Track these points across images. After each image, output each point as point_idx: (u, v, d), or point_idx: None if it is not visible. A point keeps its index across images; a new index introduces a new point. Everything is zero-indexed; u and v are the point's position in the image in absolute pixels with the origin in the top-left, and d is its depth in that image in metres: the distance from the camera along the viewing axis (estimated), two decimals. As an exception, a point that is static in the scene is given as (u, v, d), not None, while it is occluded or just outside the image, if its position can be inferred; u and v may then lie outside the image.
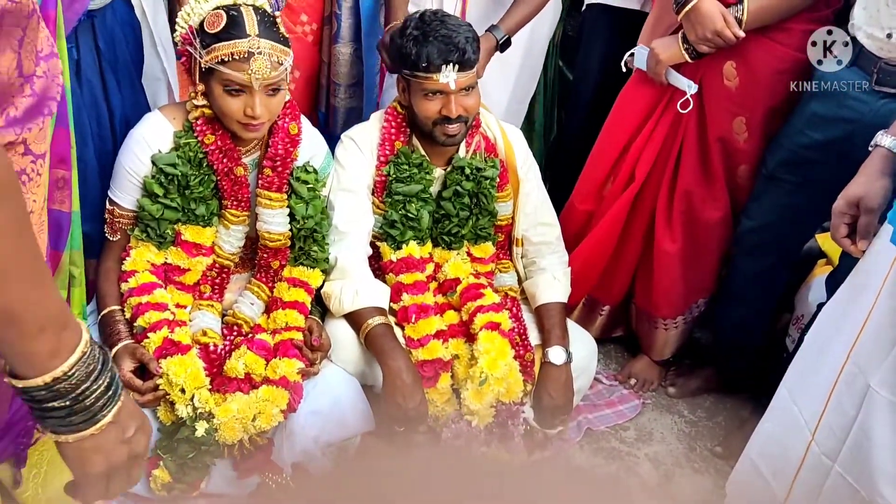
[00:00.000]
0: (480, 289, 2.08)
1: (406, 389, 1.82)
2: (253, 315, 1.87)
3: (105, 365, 0.75)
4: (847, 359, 1.52)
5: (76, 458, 0.76)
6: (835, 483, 1.52)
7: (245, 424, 1.65)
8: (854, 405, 1.48)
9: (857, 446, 1.48)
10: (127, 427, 0.78)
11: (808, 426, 1.60)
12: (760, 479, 1.73)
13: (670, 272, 2.22)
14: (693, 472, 2.07)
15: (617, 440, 2.16)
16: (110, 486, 0.79)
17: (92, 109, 1.82)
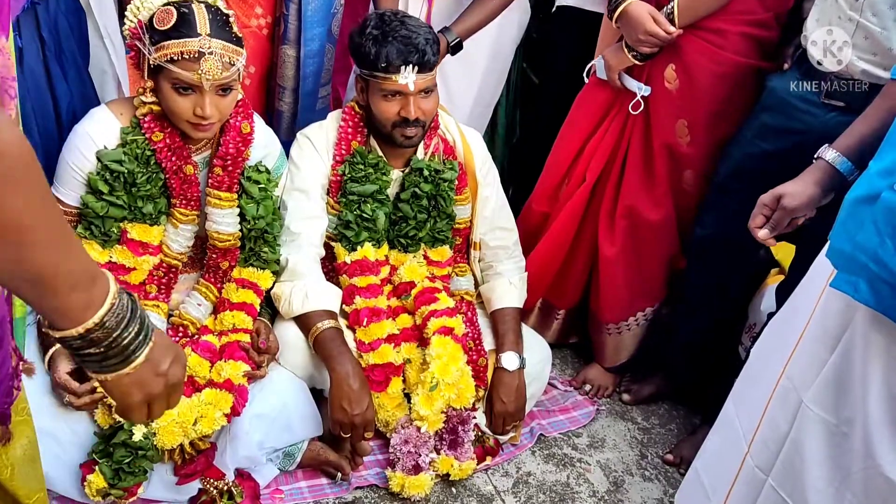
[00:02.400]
0: (435, 293, 2.06)
1: (353, 395, 1.80)
2: (200, 316, 1.84)
3: (134, 312, 0.80)
4: (782, 373, 1.53)
5: (116, 392, 0.82)
6: (768, 497, 1.53)
7: (186, 429, 1.62)
8: (787, 420, 1.49)
9: (790, 461, 1.49)
10: (161, 361, 0.84)
11: (745, 438, 1.61)
12: (702, 491, 1.73)
13: (612, 276, 2.23)
14: (643, 480, 2.07)
15: (569, 447, 2.15)
16: (153, 410, 0.86)
17: (36, 100, 1.77)
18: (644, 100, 2.06)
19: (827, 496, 1.43)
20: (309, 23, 2.14)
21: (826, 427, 1.42)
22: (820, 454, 1.42)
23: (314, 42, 2.19)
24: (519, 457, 2.08)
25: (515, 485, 2.00)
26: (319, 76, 2.27)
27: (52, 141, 1.79)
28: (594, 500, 1.99)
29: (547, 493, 1.98)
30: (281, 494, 1.81)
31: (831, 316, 1.42)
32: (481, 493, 1.95)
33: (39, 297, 0.73)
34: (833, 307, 1.42)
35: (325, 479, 1.88)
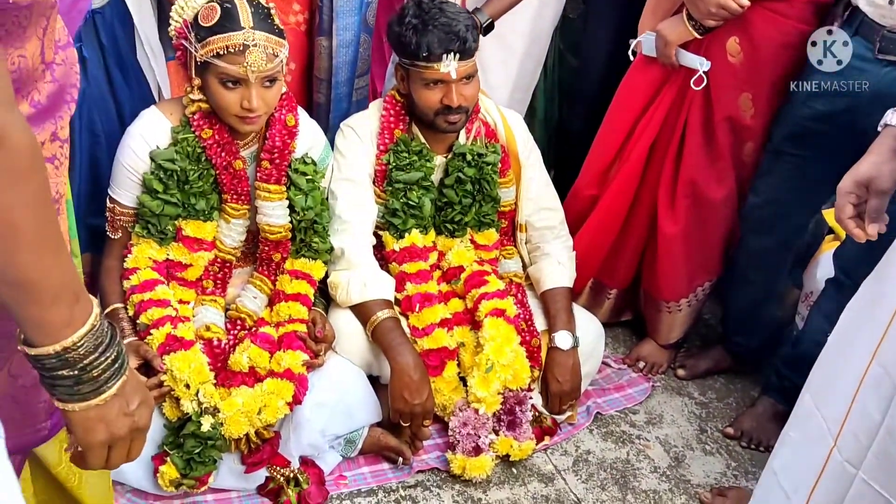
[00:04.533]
0: (484, 276, 2.07)
1: (413, 386, 1.82)
2: (256, 309, 1.87)
3: (113, 339, 0.79)
4: (872, 360, 1.45)
5: (80, 426, 0.79)
6: (859, 491, 1.45)
7: (251, 418, 1.65)
8: (880, 409, 1.41)
9: (884, 452, 1.41)
10: (131, 400, 0.81)
11: (830, 433, 1.52)
12: (780, 493, 1.67)
13: (673, 255, 2.20)
14: (704, 454, 2.05)
15: (627, 424, 2.14)
16: (112, 455, 0.83)
17: (101, 107, 1.82)
18: (704, 74, 1.99)
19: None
20: (341, 12, 2.14)
21: None
22: None
23: (347, 31, 2.19)
24: (577, 435, 2.08)
25: (575, 463, 1.99)
26: (354, 66, 2.27)
27: (117, 145, 1.83)
28: (656, 475, 1.98)
29: (608, 471, 1.98)
30: (345, 480, 1.83)
31: None
32: (542, 473, 1.95)
33: (20, 304, 0.71)
34: None
35: (387, 465, 1.90)
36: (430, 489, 1.86)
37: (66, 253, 0.75)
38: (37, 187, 0.70)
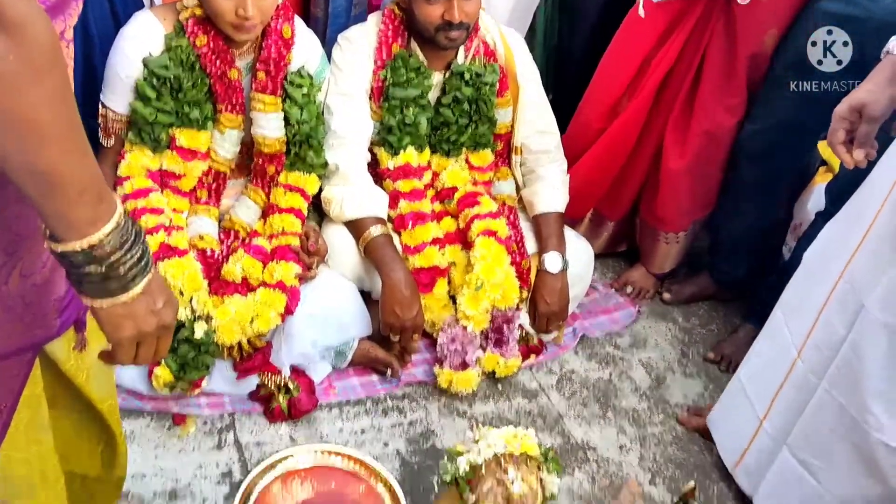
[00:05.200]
0: (478, 196, 2.08)
1: (405, 301, 1.85)
2: (250, 220, 1.88)
3: (138, 237, 0.80)
4: (840, 276, 1.50)
5: (109, 323, 0.82)
6: (821, 401, 1.53)
7: (243, 326, 1.68)
8: (845, 324, 1.47)
9: (847, 365, 1.47)
10: (157, 299, 0.83)
11: (794, 345, 1.60)
12: (744, 399, 1.75)
13: (675, 189, 2.21)
14: (684, 377, 2.12)
15: (611, 346, 2.19)
16: (140, 352, 0.86)
17: (96, 7, 1.78)
18: (723, 12, 1.93)
19: (888, 398, 1.43)
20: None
21: (888, 330, 1.41)
22: (881, 357, 1.41)
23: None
24: (562, 356, 2.13)
25: (559, 381, 2.05)
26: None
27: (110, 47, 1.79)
28: (637, 395, 2.04)
29: (590, 390, 2.04)
30: (334, 390, 1.89)
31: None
32: (526, 389, 2.01)
33: (46, 198, 0.72)
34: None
35: (376, 377, 1.95)
36: (417, 401, 1.92)
37: (88, 151, 0.75)
38: (59, 82, 0.69)
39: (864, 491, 1.49)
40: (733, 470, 1.76)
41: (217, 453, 1.67)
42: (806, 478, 1.58)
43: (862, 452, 1.47)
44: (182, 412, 1.71)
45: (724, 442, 1.80)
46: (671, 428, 1.96)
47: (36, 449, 0.99)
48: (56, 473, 1.04)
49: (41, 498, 1.03)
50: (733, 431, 1.77)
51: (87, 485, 1.15)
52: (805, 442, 1.57)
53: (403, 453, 1.77)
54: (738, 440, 1.73)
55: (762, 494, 1.70)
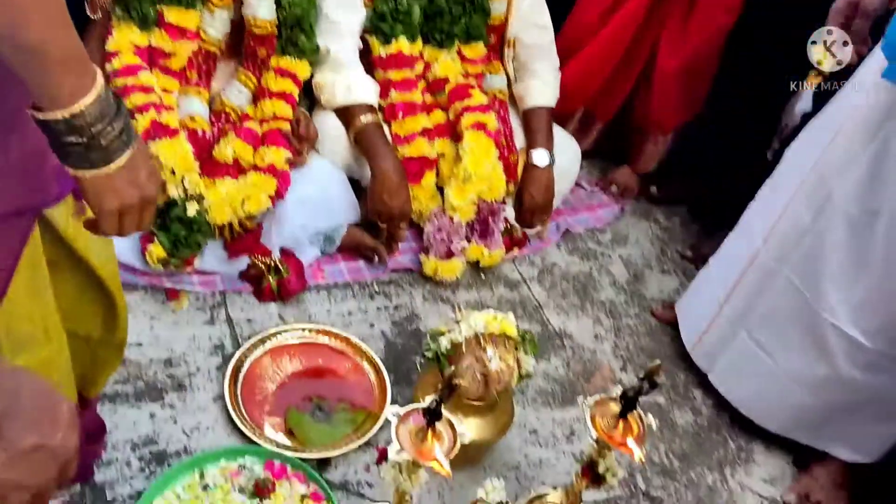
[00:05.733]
0: (469, 89, 2.08)
1: (393, 188, 1.88)
2: (240, 103, 1.88)
3: (119, 111, 0.81)
4: (812, 169, 1.57)
5: (92, 193, 0.84)
6: (781, 286, 1.63)
7: (234, 207, 1.71)
8: (811, 213, 1.55)
9: (809, 252, 1.57)
10: (139, 172, 0.85)
11: (761, 233, 1.69)
12: (708, 284, 1.85)
13: (668, 90, 2.22)
14: (661, 273, 2.19)
15: (593, 242, 2.26)
16: (123, 222, 0.88)
17: None
18: None
19: (841, 284, 1.53)
20: None
21: (850, 219, 1.48)
22: (841, 245, 1.50)
23: None
24: (545, 250, 2.19)
25: (541, 273, 2.12)
26: None
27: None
28: (614, 288, 2.12)
29: (570, 282, 2.11)
30: (322, 273, 1.94)
31: (875, 109, 1.44)
32: (509, 280, 2.08)
33: (28, 70, 0.73)
34: (878, 100, 1.44)
35: (363, 263, 2.00)
36: (403, 287, 1.98)
37: (70, 23, 0.76)
38: None
39: (814, 370, 1.61)
40: (692, 350, 1.87)
41: (209, 328, 1.73)
42: (762, 357, 1.69)
43: (813, 334, 1.58)
44: (175, 288, 1.77)
45: (687, 325, 1.91)
46: (645, 320, 2.05)
47: (38, 307, 1.04)
48: (58, 332, 1.09)
49: (44, 353, 1.08)
50: (695, 314, 1.87)
51: (90, 346, 1.21)
52: (762, 323, 1.68)
53: (388, 335, 1.84)
54: (699, 323, 1.84)
55: (718, 371, 1.82)
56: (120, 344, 1.23)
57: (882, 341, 1.50)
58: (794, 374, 1.65)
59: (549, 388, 1.82)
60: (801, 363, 1.63)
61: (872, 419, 1.63)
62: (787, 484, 1.73)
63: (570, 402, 1.79)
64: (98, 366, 1.25)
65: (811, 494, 1.69)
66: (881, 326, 1.49)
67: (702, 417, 1.84)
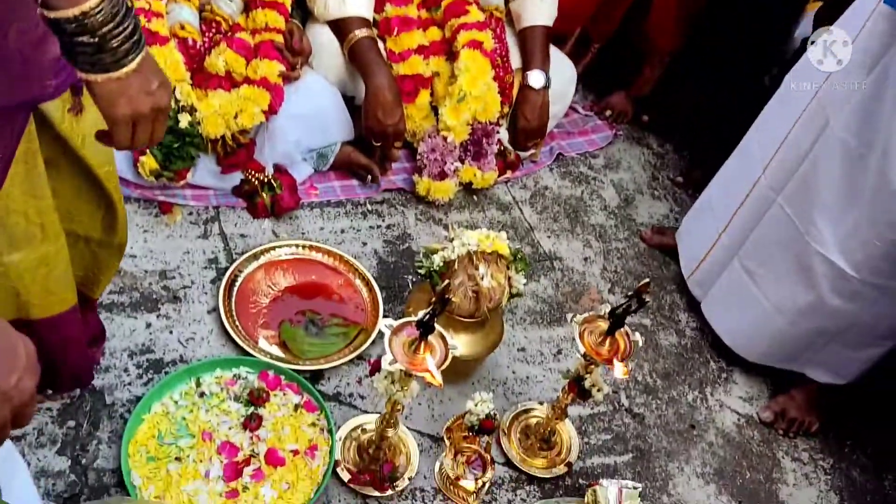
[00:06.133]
0: (465, 6, 2.03)
1: (387, 106, 1.86)
2: (231, 13, 1.83)
3: (129, 11, 0.80)
4: (814, 97, 1.57)
5: (104, 99, 0.84)
6: (775, 214, 1.66)
7: (227, 120, 1.70)
8: (809, 140, 1.56)
9: (803, 180, 1.59)
10: (151, 79, 0.85)
11: (761, 161, 1.70)
12: (709, 213, 1.86)
13: (667, 9, 2.18)
14: (652, 198, 2.21)
15: (586, 166, 2.26)
16: (136, 132, 0.88)
17: None
18: None
19: (832, 214, 1.55)
20: None
21: (846, 149, 1.49)
22: (835, 174, 1.51)
23: None
24: (537, 173, 2.19)
25: (533, 196, 2.13)
26: None
27: None
28: (605, 213, 2.14)
29: (562, 206, 2.12)
30: (316, 191, 1.94)
31: (875, 37, 1.43)
32: (501, 202, 2.09)
33: None
34: (879, 28, 1.43)
35: (356, 181, 2.00)
36: (395, 206, 1.99)
37: None
38: None
39: (797, 298, 1.64)
40: (688, 279, 1.91)
41: (203, 241, 1.74)
42: (748, 284, 1.73)
43: (801, 263, 1.61)
44: (168, 201, 1.77)
45: (685, 253, 1.94)
46: (634, 244, 2.07)
47: (34, 204, 1.04)
48: (56, 230, 1.10)
49: (42, 250, 1.09)
50: (694, 243, 1.90)
51: (90, 247, 1.22)
52: (753, 252, 1.71)
53: (381, 253, 1.86)
54: (697, 251, 1.87)
55: (709, 300, 1.86)
56: (119, 246, 1.24)
57: (867, 271, 1.53)
58: (779, 303, 1.69)
59: (538, 308, 1.85)
60: (787, 291, 1.66)
61: (849, 345, 1.68)
62: (764, 403, 1.80)
63: (558, 322, 1.82)
64: (99, 267, 1.26)
65: (786, 412, 1.75)
66: (867, 257, 1.52)
67: (685, 339, 1.89)
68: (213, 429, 1.40)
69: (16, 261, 1.07)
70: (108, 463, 1.34)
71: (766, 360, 1.80)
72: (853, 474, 1.73)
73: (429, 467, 1.49)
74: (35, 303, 1.14)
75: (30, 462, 1.30)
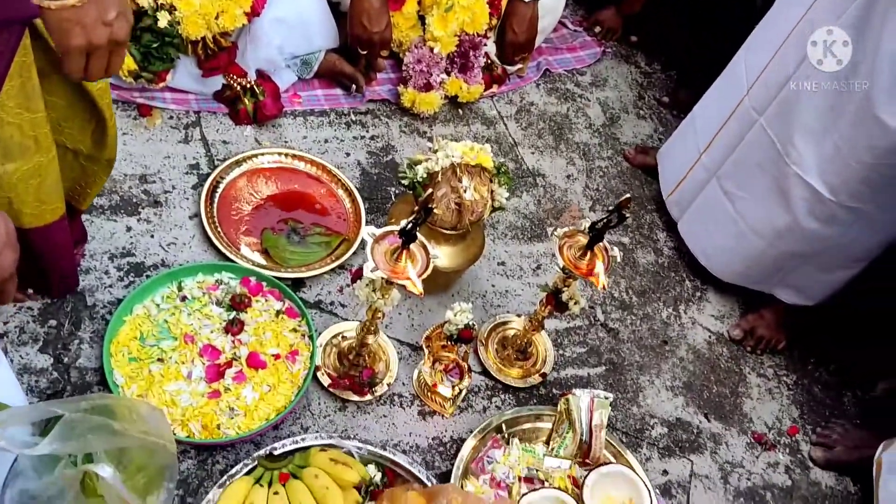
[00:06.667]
0: None
1: (373, 13, 1.81)
2: None
3: None
4: (803, 17, 1.55)
5: (59, 29, 0.80)
6: (756, 135, 1.66)
7: (208, 21, 1.64)
8: (795, 61, 1.55)
9: (786, 101, 1.59)
10: (108, 9, 0.81)
11: (747, 81, 1.69)
12: (691, 133, 1.86)
13: None
14: (637, 118, 2.20)
15: (572, 83, 2.24)
16: (90, 64, 0.84)
17: None
18: None
19: (813, 136, 1.55)
20: None
21: (832, 71, 1.49)
22: (817, 97, 1.51)
23: None
24: (523, 88, 2.17)
25: (518, 112, 2.11)
26: None
27: None
28: (589, 131, 2.13)
29: (547, 122, 2.11)
30: (299, 99, 1.91)
31: None
32: (486, 117, 2.07)
33: None
34: None
35: (340, 90, 1.97)
36: (380, 118, 1.97)
37: None
38: None
39: (774, 220, 1.67)
40: (667, 199, 1.92)
41: (184, 147, 1.72)
42: (725, 205, 1.75)
43: (779, 185, 1.63)
44: (148, 104, 1.73)
45: (666, 173, 1.95)
46: (617, 163, 2.08)
47: (28, 116, 1.03)
48: (48, 142, 1.09)
49: (35, 161, 1.09)
50: (675, 164, 1.91)
51: (78, 160, 1.21)
52: (732, 173, 1.73)
53: (364, 164, 1.85)
54: (677, 171, 1.88)
55: (686, 220, 1.88)
56: (108, 162, 1.24)
57: (843, 194, 1.55)
58: (756, 225, 1.71)
59: (519, 223, 1.87)
60: (763, 213, 1.69)
61: (820, 268, 1.72)
62: (735, 322, 1.85)
63: (538, 238, 1.84)
64: (87, 180, 1.26)
65: (755, 331, 1.81)
66: (844, 180, 1.54)
67: (663, 258, 1.92)
68: (195, 332, 1.42)
69: (10, 171, 1.06)
70: (90, 362, 1.35)
71: (739, 281, 1.84)
72: (814, 390, 1.80)
73: (407, 374, 1.53)
74: (27, 212, 1.14)
75: (12, 359, 1.31)
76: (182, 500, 1.26)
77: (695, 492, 1.54)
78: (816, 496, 1.62)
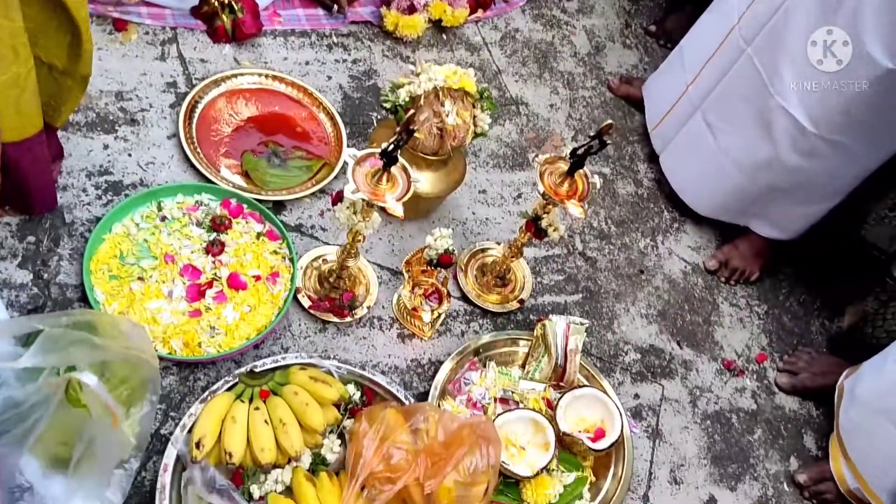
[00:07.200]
0: None
1: None
2: None
3: None
4: None
5: None
6: (742, 66, 1.65)
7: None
8: None
9: (774, 31, 1.58)
10: None
11: (738, 11, 1.67)
12: (679, 66, 1.85)
13: None
14: (623, 47, 2.18)
15: (559, 10, 2.20)
16: None
17: None
18: None
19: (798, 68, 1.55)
20: None
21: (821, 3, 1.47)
22: (804, 24, 1.50)
23: None
24: (509, 13, 2.13)
25: (503, 38, 2.08)
26: None
27: None
28: (574, 60, 2.11)
29: (531, 50, 2.08)
30: (279, 18, 1.86)
31: None
32: (470, 42, 2.04)
33: None
34: None
35: (322, 11, 1.92)
36: (362, 41, 1.93)
37: None
38: None
39: (756, 153, 1.68)
40: (651, 132, 1.92)
41: (161, 64, 1.68)
42: (707, 138, 1.76)
43: (762, 118, 1.63)
44: (123, 18, 1.68)
45: (651, 106, 1.94)
46: (601, 93, 2.07)
47: (7, 25, 1.01)
48: (27, 53, 1.07)
49: (14, 71, 1.07)
50: (661, 96, 1.90)
51: (52, 75, 1.19)
52: (717, 105, 1.73)
53: (346, 88, 1.83)
54: (663, 104, 1.87)
55: (668, 153, 1.89)
56: (83, 78, 1.22)
57: (825, 127, 1.56)
58: (737, 158, 1.72)
59: (501, 151, 1.86)
60: (744, 145, 1.69)
61: (798, 202, 1.74)
62: (711, 253, 1.88)
63: (520, 167, 1.84)
64: (62, 96, 1.25)
65: (730, 261, 1.84)
66: (825, 111, 1.55)
67: (642, 189, 1.93)
68: (175, 252, 1.42)
69: None
70: (70, 279, 1.35)
71: (717, 215, 1.86)
72: (784, 320, 1.85)
73: (387, 298, 1.54)
74: (8, 125, 1.12)
75: (-9, 275, 1.31)
76: (165, 414, 1.29)
77: (664, 414, 1.60)
78: (780, 419, 1.69)
